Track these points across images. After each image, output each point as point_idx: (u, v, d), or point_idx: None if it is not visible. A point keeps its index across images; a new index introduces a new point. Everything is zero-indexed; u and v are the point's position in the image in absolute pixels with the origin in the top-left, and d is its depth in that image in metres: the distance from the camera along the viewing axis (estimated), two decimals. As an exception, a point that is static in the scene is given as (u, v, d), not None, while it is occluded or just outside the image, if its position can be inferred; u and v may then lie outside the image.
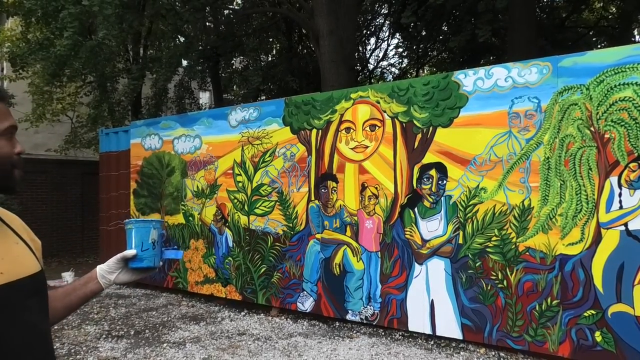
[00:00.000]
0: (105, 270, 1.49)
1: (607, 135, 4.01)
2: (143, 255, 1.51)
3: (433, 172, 4.90)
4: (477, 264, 4.62)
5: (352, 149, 5.46)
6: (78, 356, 4.77)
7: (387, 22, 15.11)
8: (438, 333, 4.88)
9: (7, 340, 1.07)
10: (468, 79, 4.73)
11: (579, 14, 12.95)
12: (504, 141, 4.50)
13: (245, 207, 6.38)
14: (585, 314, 4.07)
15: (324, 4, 8.59)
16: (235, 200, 6.49)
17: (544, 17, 11.81)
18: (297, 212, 5.90)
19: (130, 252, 1.51)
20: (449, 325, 4.79)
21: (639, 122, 3.87)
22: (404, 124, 5.10)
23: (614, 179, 3.98)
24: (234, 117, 6.54)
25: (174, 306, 6.73)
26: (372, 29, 15.67)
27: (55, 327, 5.44)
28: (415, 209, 5.01)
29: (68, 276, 8.25)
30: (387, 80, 16.09)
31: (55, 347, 4.90)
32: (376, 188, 5.27)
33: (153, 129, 7.64)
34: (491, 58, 12.46)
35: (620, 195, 3.96)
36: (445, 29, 12.47)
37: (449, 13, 11.07)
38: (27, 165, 9.36)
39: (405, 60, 15.94)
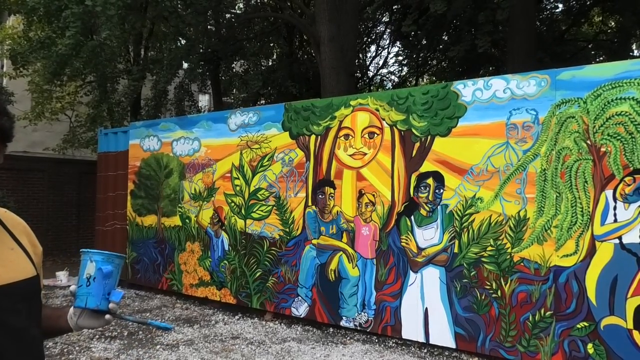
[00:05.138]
0: (72, 312, 1.32)
1: (603, 149, 4.05)
2: (78, 293, 1.28)
3: (430, 180, 4.93)
4: (472, 274, 4.64)
5: (350, 155, 5.49)
6: (71, 356, 4.75)
7: (388, 30, 15.21)
8: (431, 341, 4.89)
9: None
10: (467, 89, 4.76)
11: (578, 28, 13.06)
12: (501, 152, 4.53)
13: (242, 211, 6.39)
14: (578, 326, 4.09)
15: (325, 11, 8.65)
16: (233, 204, 6.49)
17: (544, 30, 11.90)
18: (294, 217, 5.91)
19: (72, 287, 1.32)
20: (443, 334, 4.80)
21: (635, 136, 3.91)
22: (402, 132, 5.12)
23: (609, 192, 4.01)
24: (234, 120, 6.56)
25: (168, 308, 6.72)
26: (373, 37, 15.77)
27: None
28: (412, 217, 5.03)
29: (62, 276, 8.22)
30: (387, 88, 16.16)
31: (47, 346, 4.89)
32: (373, 195, 5.29)
33: (152, 130, 7.65)
34: (490, 69, 12.54)
35: (615, 208, 3.98)
36: (446, 38, 12.56)
37: (449, 23, 11.16)
38: (24, 163, 9.29)
39: (405, 69, 16.03)
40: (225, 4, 11.83)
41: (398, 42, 14.95)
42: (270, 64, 15.49)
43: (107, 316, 1.31)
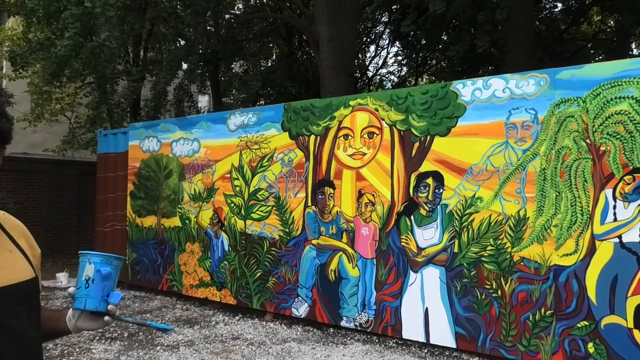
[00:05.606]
0: (71, 314, 1.33)
1: (602, 148, 4.05)
2: (77, 295, 1.29)
3: (430, 180, 4.92)
4: (472, 273, 4.64)
5: (349, 155, 5.49)
6: (71, 357, 4.75)
7: (387, 30, 15.20)
8: (432, 341, 4.89)
9: None
10: (466, 89, 4.76)
11: (577, 27, 13.06)
12: (501, 151, 4.53)
13: (242, 212, 6.39)
14: (579, 325, 4.09)
15: (325, 11, 8.65)
16: (232, 205, 6.49)
17: (543, 29, 11.91)
18: (293, 217, 5.91)
19: (70, 289, 1.33)
20: (443, 334, 4.80)
21: (634, 135, 3.91)
22: (402, 132, 5.12)
23: (608, 191, 4.01)
24: (233, 121, 6.56)
25: (168, 309, 6.71)
26: (372, 37, 15.76)
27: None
28: (412, 217, 5.03)
29: (62, 277, 8.22)
30: (386, 88, 16.16)
31: (48, 347, 4.89)
32: (373, 195, 5.29)
33: (152, 131, 7.65)
34: (490, 68, 12.54)
35: (614, 207, 3.98)
36: (445, 38, 12.56)
37: (448, 23, 11.15)
38: (23, 164, 9.28)
39: (405, 69, 16.03)
40: (224, 5, 11.83)
41: (397, 42, 14.95)
42: (269, 64, 15.49)
43: (106, 318, 1.32)
